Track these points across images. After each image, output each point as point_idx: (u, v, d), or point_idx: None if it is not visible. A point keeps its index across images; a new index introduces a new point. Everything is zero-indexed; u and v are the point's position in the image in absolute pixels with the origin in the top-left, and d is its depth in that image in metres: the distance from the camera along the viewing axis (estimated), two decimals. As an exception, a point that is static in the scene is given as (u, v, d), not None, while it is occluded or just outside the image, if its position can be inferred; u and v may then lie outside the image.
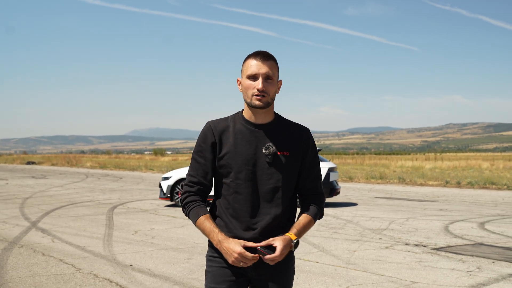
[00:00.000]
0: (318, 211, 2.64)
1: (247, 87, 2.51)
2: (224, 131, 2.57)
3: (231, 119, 2.62)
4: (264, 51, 2.54)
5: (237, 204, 2.53)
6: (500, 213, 12.72)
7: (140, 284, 5.91)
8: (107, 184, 24.52)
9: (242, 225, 2.52)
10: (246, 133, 2.56)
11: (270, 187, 2.53)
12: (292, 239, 2.45)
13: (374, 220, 11.46)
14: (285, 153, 2.55)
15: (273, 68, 2.52)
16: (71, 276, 6.31)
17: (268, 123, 2.58)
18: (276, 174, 2.53)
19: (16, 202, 15.42)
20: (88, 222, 11.07)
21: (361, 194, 18.79)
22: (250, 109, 2.56)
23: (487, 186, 21.79)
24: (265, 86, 2.48)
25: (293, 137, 2.60)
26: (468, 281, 6.06)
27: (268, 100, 2.49)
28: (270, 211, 2.53)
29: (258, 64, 2.49)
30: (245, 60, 2.56)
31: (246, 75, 2.51)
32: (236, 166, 2.52)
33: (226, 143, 2.55)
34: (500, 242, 8.67)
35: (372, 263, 7.03)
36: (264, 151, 2.52)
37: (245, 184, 2.52)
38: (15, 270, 6.57)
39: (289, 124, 2.65)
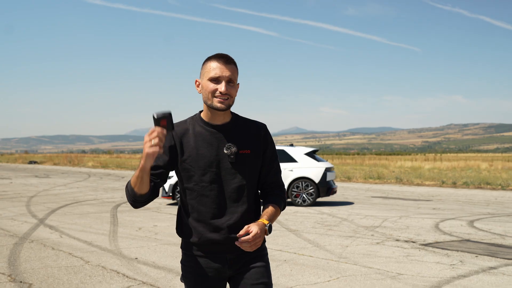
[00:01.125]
0: (281, 201, 2.69)
1: (208, 89, 2.53)
2: (184, 134, 2.59)
3: (190, 121, 2.65)
4: (226, 54, 2.58)
5: (203, 206, 2.56)
6: (490, 212, 13.17)
7: (145, 275, 6.36)
8: (109, 183, 24.96)
9: (210, 227, 2.55)
10: (206, 135, 2.59)
11: (235, 186, 2.57)
12: (265, 223, 2.51)
13: (369, 218, 11.92)
14: (246, 151, 2.60)
15: (234, 71, 2.56)
16: (80, 268, 6.77)
17: (227, 123, 2.62)
18: (239, 173, 2.58)
19: (22, 200, 15.86)
20: (93, 219, 11.53)
21: (358, 194, 19.24)
22: (210, 110, 2.59)
23: (482, 186, 22.25)
24: (228, 89, 2.52)
25: (252, 134, 2.65)
26: (450, 273, 6.51)
27: (230, 103, 2.54)
28: (237, 209, 2.57)
29: (221, 67, 2.52)
30: (206, 61, 2.58)
31: (209, 78, 2.53)
32: (200, 169, 2.55)
33: (187, 146, 2.57)
34: (486, 238, 9.12)
35: (363, 257, 7.49)
36: (226, 151, 2.56)
37: (210, 186, 2.55)
38: (28, 263, 7.02)
39: (247, 122, 2.69)
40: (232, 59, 2.57)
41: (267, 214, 2.57)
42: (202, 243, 2.57)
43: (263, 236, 2.48)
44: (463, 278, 6.24)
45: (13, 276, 6.29)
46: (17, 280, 6.10)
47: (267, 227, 2.50)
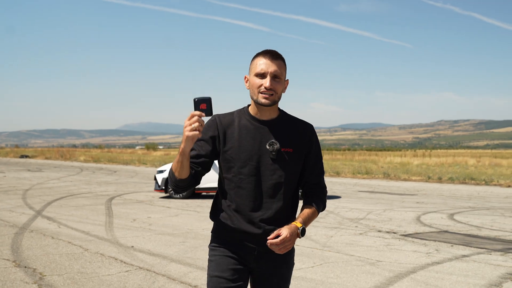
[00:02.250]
0: (321, 203, 2.69)
1: (254, 84, 2.53)
2: (229, 126, 2.61)
3: (237, 114, 2.66)
4: (273, 50, 2.58)
5: (239, 198, 2.58)
6: (471, 206, 13.72)
7: (142, 261, 6.81)
8: (102, 177, 25.33)
9: (244, 218, 2.57)
10: (251, 129, 2.59)
11: (272, 182, 2.57)
12: (298, 226, 2.50)
13: (354, 211, 12.42)
14: (289, 149, 2.60)
15: (281, 67, 2.55)
16: (80, 255, 7.20)
17: (272, 119, 2.62)
18: (279, 170, 2.57)
19: (17, 193, 16.23)
20: (89, 211, 11.94)
21: (346, 188, 19.76)
22: (256, 106, 2.59)
23: (467, 181, 22.85)
24: (273, 84, 2.51)
25: (297, 133, 2.64)
26: (425, 260, 7.01)
27: (275, 99, 2.54)
28: (272, 205, 2.57)
29: (267, 62, 2.52)
30: (254, 58, 2.59)
31: (255, 73, 2.54)
32: (240, 161, 2.57)
33: (230, 137, 2.59)
34: (463, 230, 9.64)
35: (345, 246, 7.98)
36: (268, 147, 2.57)
37: (248, 179, 2.57)
38: (30, 250, 7.45)
39: (294, 120, 2.68)
40: (279, 55, 2.57)
41: (302, 217, 2.57)
42: (234, 231, 2.60)
43: (293, 240, 2.47)
44: (437, 265, 6.74)
45: (17, 262, 6.72)
46: (21, 265, 6.52)
47: (300, 230, 2.50)
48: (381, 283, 5.81)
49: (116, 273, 6.17)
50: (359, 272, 6.32)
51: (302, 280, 5.92)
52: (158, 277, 6.01)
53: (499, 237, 8.89)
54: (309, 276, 6.12)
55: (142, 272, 6.25)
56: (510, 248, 7.94)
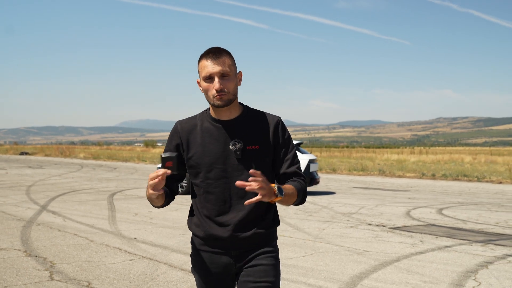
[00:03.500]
0: (301, 187, 2.55)
1: (206, 88, 2.47)
2: (192, 131, 2.57)
3: (199, 117, 2.61)
4: (214, 48, 2.49)
5: (209, 203, 2.53)
6: (460, 201, 14.22)
7: (144, 251, 7.29)
8: (102, 174, 25.78)
9: (215, 223, 2.53)
10: (213, 131, 2.54)
11: None
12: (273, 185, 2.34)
13: (347, 206, 12.91)
14: (254, 147, 2.52)
15: (227, 63, 2.46)
16: (86, 245, 7.68)
17: (235, 118, 2.55)
18: (247, 170, 2.47)
19: (21, 189, 16.68)
20: (92, 206, 12.41)
21: (341, 185, 20.25)
22: (214, 108, 2.53)
23: (459, 178, 23.36)
24: (223, 84, 2.43)
25: (262, 128, 2.56)
26: (410, 250, 7.50)
27: (229, 97, 2.46)
28: (243, 207, 2.50)
29: (210, 64, 2.44)
30: (199, 61, 2.52)
31: (203, 77, 2.47)
32: (205, 166, 2.51)
33: (193, 143, 2.55)
34: (450, 223, 10.13)
35: (336, 238, 8.47)
36: (232, 147, 2.50)
37: (216, 183, 2.51)
38: (39, 241, 7.92)
39: (258, 115, 2.60)
40: (221, 51, 2.49)
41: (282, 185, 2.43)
42: (207, 239, 2.56)
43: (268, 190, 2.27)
44: (420, 254, 7.23)
45: (28, 252, 7.19)
46: (32, 255, 7.00)
47: (276, 188, 2.32)
48: (366, 270, 6.30)
49: (121, 262, 6.65)
50: (347, 261, 6.80)
51: (294, 267, 6.40)
52: (160, 265, 6.49)
53: (482, 230, 9.38)
54: (300, 264, 6.60)
55: (145, 260, 6.73)
56: (491, 239, 8.43)
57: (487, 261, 6.83)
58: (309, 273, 6.14)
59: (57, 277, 5.90)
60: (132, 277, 5.94)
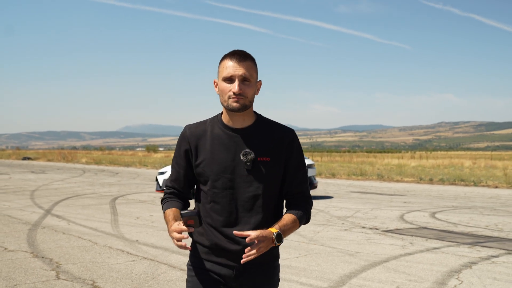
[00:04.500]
0: (304, 214, 2.49)
1: (223, 89, 2.38)
2: (201, 137, 2.48)
3: (209, 122, 2.52)
4: (240, 51, 2.41)
5: (214, 213, 2.44)
6: (454, 205, 14.55)
7: (146, 253, 7.64)
8: (104, 178, 26.14)
9: (221, 234, 2.43)
10: (224, 139, 2.44)
11: (249, 195, 2.41)
12: (273, 232, 2.31)
13: (343, 209, 13.25)
14: (266, 158, 2.42)
15: (251, 68, 2.39)
16: (90, 247, 8.03)
17: (247, 126, 2.45)
18: (256, 182, 2.40)
19: (25, 194, 17.05)
20: (95, 210, 12.77)
21: (339, 189, 20.59)
22: (228, 112, 2.43)
23: (456, 182, 23.69)
24: (242, 88, 2.35)
25: (275, 140, 2.45)
26: (399, 251, 7.85)
27: (245, 103, 2.37)
28: (249, 220, 2.41)
29: (234, 65, 2.36)
30: (221, 61, 2.43)
31: (222, 77, 2.38)
32: (213, 174, 2.42)
33: (202, 149, 2.46)
34: (441, 226, 10.47)
35: (330, 240, 8.82)
36: (242, 157, 2.40)
37: (223, 193, 2.42)
38: (45, 244, 8.28)
39: (272, 126, 2.50)
40: (247, 55, 2.41)
41: (280, 224, 2.39)
42: (211, 248, 2.46)
43: (267, 244, 2.29)
44: (408, 255, 7.58)
45: (34, 253, 7.55)
46: (39, 256, 7.36)
47: (275, 235, 2.30)
48: (356, 270, 6.64)
49: (124, 262, 7.01)
50: (338, 262, 7.15)
51: (287, 268, 6.74)
52: (161, 265, 6.85)
53: (472, 233, 9.71)
54: (293, 264, 6.95)
55: (146, 261, 7.09)
56: (479, 241, 8.77)
57: (472, 262, 7.17)
58: (301, 273, 6.49)
59: (63, 276, 6.26)
60: (134, 276, 6.29)
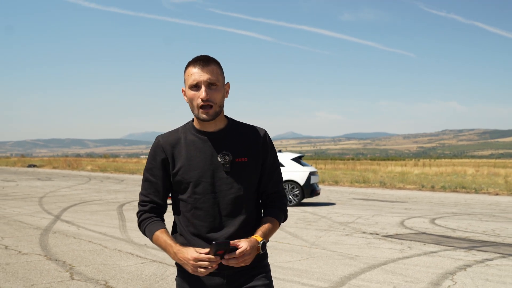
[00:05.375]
0: (281, 214, 2.53)
1: (191, 97, 2.33)
2: (176, 145, 2.42)
3: (182, 130, 2.47)
4: (203, 56, 2.36)
5: (198, 220, 2.39)
6: (454, 212, 14.85)
7: (154, 256, 7.98)
8: (110, 186, 26.50)
9: (206, 241, 2.36)
10: (199, 143, 2.41)
11: (231, 197, 2.38)
12: (258, 240, 2.31)
13: (345, 216, 13.57)
14: (243, 159, 2.40)
15: (216, 72, 2.34)
16: (101, 251, 8.38)
17: (221, 129, 2.43)
18: (236, 183, 2.38)
19: (33, 200, 17.41)
20: (103, 216, 13.11)
21: (341, 196, 20.90)
22: (199, 120, 2.41)
23: (458, 189, 23.97)
24: (210, 94, 2.31)
25: (250, 141, 2.45)
26: (397, 255, 8.17)
27: (216, 110, 2.34)
28: (234, 222, 2.38)
29: (198, 71, 2.31)
30: (185, 68, 2.38)
31: (188, 85, 2.34)
32: (193, 180, 2.37)
33: (179, 157, 2.41)
34: (439, 232, 10.77)
35: (331, 244, 9.14)
36: (220, 159, 2.37)
37: (204, 198, 2.37)
38: (57, 247, 8.62)
39: (244, 127, 2.49)
40: (210, 59, 2.36)
41: (262, 230, 2.39)
42: None
43: (253, 254, 2.29)
44: (406, 259, 7.89)
45: (48, 256, 7.90)
46: (52, 259, 7.70)
47: (260, 245, 2.31)
48: (355, 272, 6.96)
49: (134, 264, 7.35)
50: (339, 264, 7.47)
51: (289, 269, 7.07)
52: (169, 267, 7.18)
53: (469, 238, 10.02)
54: (295, 267, 7.27)
55: (155, 263, 7.43)
56: (475, 246, 9.08)
57: (467, 265, 7.48)
58: (303, 274, 6.81)
59: (77, 277, 6.60)
60: (144, 277, 6.63)
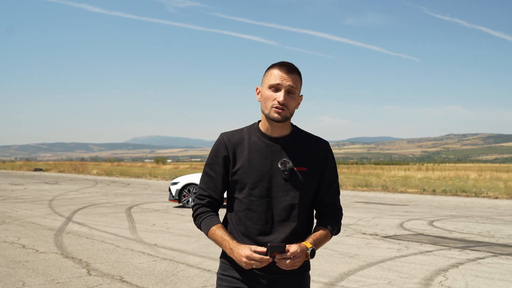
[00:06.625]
0: (335, 226, 2.53)
1: (267, 97, 2.38)
2: (239, 144, 2.47)
3: (246, 131, 2.51)
4: (290, 63, 2.42)
5: (250, 221, 2.42)
6: (453, 214, 15.28)
7: (165, 254, 8.44)
8: (117, 189, 26.98)
9: (255, 244, 2.38)
10: (261, 147, 2.44)
11: (286, 204, 2.40)
12: (308, 247, 2.32)
13: (346, 218, 14.01)
14: (303, 168, 2.43)
15: (297, 82, 2.40)
16: (113, 250, 8.85)
17: (285, 136, 2.46)
18: (292, 191, 2.40)
19: (43, 203, 17.89)
20: (112, 218, 13.59)
21: (344, 199, 21.33)
22: (267, 121, 2.44)
23: (458, 193, 24.39)
24: (287, 99, 2.36)
25: (311, 151, 2.47)
26: (394, 254, 8.62)
27: (287, 114, 2.38)
28: (285, 229, 2.39)
29: (282, 75, 2.37)
30: (269, 69, 2.44)
31: (268, 85, 2.39)
32: (250, 182, 2.41)
33: (240, 157, 2.45)
34: (436, 233, 11.21)
35: (332, 244, 9.59)
36: (280, 166, 2.40)
37: (259, 201, 2.40)
38: (72, 247, 9.10)
39: (308, 137, 2.52)
40: (296, 68, 2.43)
41: (313, 238, 2.41)
42: None
43: (302, 258, 2.30)
44: (403, 257, 8.34)
45: (64, 254, 8.37)
46: (69, 257, 8.18)
47: (309, 251, 2.32)
48: (354, 269, 7.42)
49: (146, 262, 7.82)
50: (339, 262, 7.93)
51: (292, 267, 7.52)
52: (179, 264, 7.65)
53: (464, 238, 10.46)
54: (298, 264, 7.73)
55: (166, 261, 7.90)
56: (469, 246, 9.52)
57: (459, 262, 7.93)
58: (305, 271, 7.27)
59: (94, 273, 7.07)
60: (157, 273, 7.10)
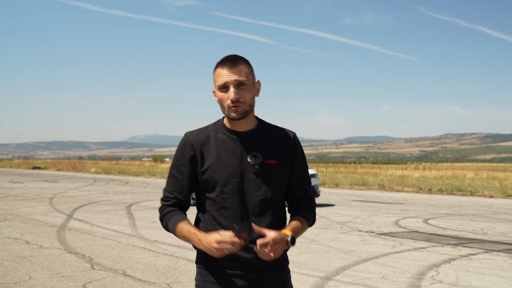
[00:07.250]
0: (310, 216, 2.48)
1: (221, 98, 2.34)
2: (205, 143, 2.41)
3: (212, 128, 2.46)
4: (231, 56, 2.36)
5: (225, 219, 2.36)
6: (448, 213, 15.54)
7: (165, 250, 8.68)
8: (116, 187, 27.21)
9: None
10: (229, 143, 2.39)
11: (259, 198, 2.36)
12: (287, 234, 2.26)
13: (343, 216, 14.26)
14: (272, 161, 2.38)
15: (244, 72, 2.33)
16: (115, 246, 9.08)
17: (251, 130, 2.42)
18: (264, 185, 2.37)
19: (43, 200, 18.12)
20: (113, 215, 13.82)
21: (341, 198, 21.60)
22: (229, 120, 2.41)
23: (454, 192, 24.66)
24: (239, 93, 2.30)
25: (280, 143, 2.43)
26: (389, 250, 8.87)
27: (245, 109, 2.33)
28: (261, 224, 2.33)
29: (226, 72, 2.30)
30: (214, 69, 2.38)
31: (218, 87, 2.34)
32: (221, 179, 2.35)
33: (208, 155, 2.38)
34: (431, 230, 11.47)
35: (328, 241, 9.83)
36: (250, 160, 2.35)
37: (232, 198, 2.35)
38: (74, 242, 9.33)
39: (275, 129, 2.47)
40: (238, 58, 2.36)
41: (290, 226, 2.35)
42: (223, 259, 2.29)
43: (282, 245, 2.23)
44: (397, 253, 8.59)
45: (67, 250, 8.60)
46: (72, 252, 8.41)
47: (289, 238, 2.26)
48: (349, 264, 7.67)
49: (147, 257, 8.06)
50: (335, 258, 8.17)
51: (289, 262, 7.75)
52: (180, 260, 7.89)
53: (457, 236, 10.71)
54: (294, 259, 7.96)
55: (167, 256, 8.13)
56: (462, 243, 9.77)
57: (451, 258, 8.18)
58: (301, 266, 7.51)
59: (97, 267, 7.30)
60: (158, 267, 7.33)
